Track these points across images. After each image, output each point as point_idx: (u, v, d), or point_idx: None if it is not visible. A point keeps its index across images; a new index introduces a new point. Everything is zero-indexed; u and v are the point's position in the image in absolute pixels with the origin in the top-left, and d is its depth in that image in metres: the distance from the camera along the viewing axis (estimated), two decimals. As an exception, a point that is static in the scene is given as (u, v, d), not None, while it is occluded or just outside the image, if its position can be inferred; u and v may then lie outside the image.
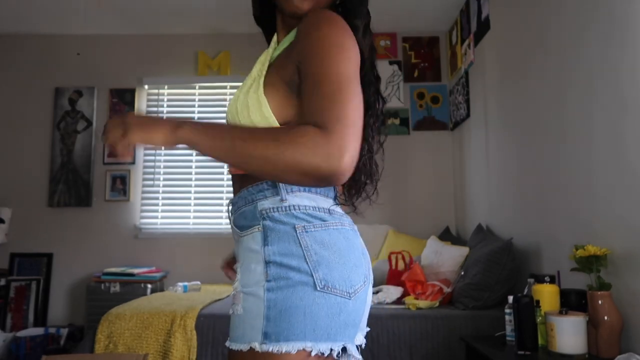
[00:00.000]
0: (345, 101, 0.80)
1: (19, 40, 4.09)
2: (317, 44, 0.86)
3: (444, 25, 3.95)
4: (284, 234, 0.88)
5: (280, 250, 0.87)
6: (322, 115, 0.79)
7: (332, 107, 0.80)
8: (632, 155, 1.69)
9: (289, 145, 0.77)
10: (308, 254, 0.87)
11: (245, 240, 0.93)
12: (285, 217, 0.90)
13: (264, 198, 0.92)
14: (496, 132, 3.03)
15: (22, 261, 3.84)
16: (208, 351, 2.30)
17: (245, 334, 0.87)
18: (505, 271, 2.45)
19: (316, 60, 0.85)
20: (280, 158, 0.77)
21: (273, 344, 0.83)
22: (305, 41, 0.88)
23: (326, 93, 0.81)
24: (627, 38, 1.71)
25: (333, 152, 0.76)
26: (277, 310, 0.85)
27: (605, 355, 1.64)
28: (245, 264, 0.91)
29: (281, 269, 0.86)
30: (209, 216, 3.95)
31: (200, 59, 4.05)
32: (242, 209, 0.95)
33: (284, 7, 1.00)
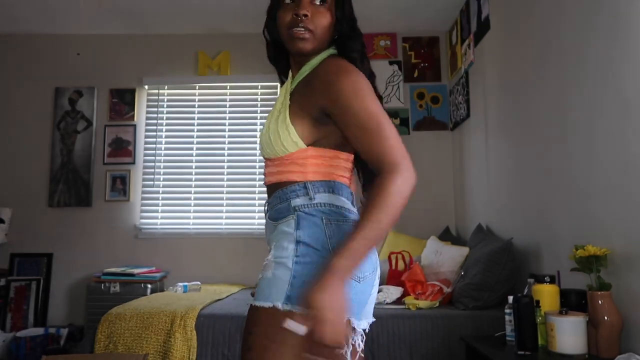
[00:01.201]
0: (387, 133, 1.06)
1: (19, 40, 4.09)
2: (344, 94, 1.08)
3: (444, 25, 3.95)
4: (313, 223, 1.12)
5: (309, 234, 1.11)
6: (383, 154, 1.04)
7: (384, 142, 1.05)
8: (632, 155, 1.69)
9: (392, 207, 1.01)
10: (331, 241, 1.10)
11: (280, 227, 1.16)
12: (314, 211, 1.13)
13: (296, 197, 1.15)
14: (496, 132, 3.03)
15: (22, 261, 3.84)
16: (208, 351, 2.30)
17: (271, 294, 1.07)
18: (505, 271, 2.45)
19: (351, 106, 1.07)
20: (395, 212, 1.02)
21: (294, 305, 1.03)
22: (330, 89, 1.10)
23: (373, 131, 1.06)
24: (629, 38, 1.71)
25: (407, 180, 1.03)
26: (301, 280, 1.06)
27: (605, 355, 1.64)
28: (279, 242, 1.13)
29: (308, 248, 1.09)
30: (209, 216, 3.95)
31: (200, 59, 4.05)
32: (277, 206, 1.18)
33: (290, 48, 1.21)
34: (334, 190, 1.17)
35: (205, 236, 3.90)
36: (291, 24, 1.17)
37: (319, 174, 1.17)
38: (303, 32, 1.16)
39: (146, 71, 4.07)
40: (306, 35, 1.17)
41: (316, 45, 1.19)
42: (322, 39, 1.20)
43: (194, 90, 4.10)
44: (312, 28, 1.17)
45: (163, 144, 4.05)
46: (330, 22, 1.19)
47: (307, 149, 1.16)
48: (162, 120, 4.08)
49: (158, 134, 4.05)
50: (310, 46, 1.18)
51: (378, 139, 1.06)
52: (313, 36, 1.18)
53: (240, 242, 3.85)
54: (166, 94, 4.12)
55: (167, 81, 4.07)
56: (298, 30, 1.16)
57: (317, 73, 1.16)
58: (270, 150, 1.19)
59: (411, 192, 1.04)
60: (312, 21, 1.16)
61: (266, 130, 1.20)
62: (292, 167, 1.17)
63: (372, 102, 1.09)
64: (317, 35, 1.18)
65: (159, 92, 4.10)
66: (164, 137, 4.06)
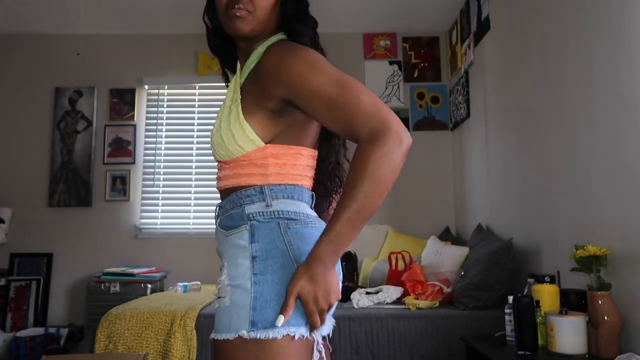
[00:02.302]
0: (357, 96, 0.93)
1: (19, 40, 4.09)
2: (299, 75, 0.96)
3: (444, 25, 3.95)
4: (269, 232, 0.99)
5: (266, 244, 0.98)
6: (362, 123, 0.91)
7: (359, 107, 0.92)
8: (632, 155, 1.69)
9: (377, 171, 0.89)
10: (291, 248, 0.98)
11: (231, 239, 1.02)
12: (270, 219, 1.01)
13: (251, 203, 1.03)
14: (496, 132, 3.03)
15: (22, 261, 3.84)
16: (208, 351, 2.30)
17: (232, 323, 0.95)
18: (505, 271, 2.45)
19: (310, 85, 0.95)
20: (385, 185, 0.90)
21: (260, 331, 0.92)
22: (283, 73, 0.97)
23: (344, 101, 0.93)
24: (629, 37, 1.71)
25: (397, 138, 0.90)
26: (263, 300, 0.94)
27: (605, 355, 1.64)
28: (232, 259, 1.00)
29: (266, 262, 0.97)
30: (209, 216, 3.94)
31: (200, 59, 4.05)
32: (229, 211, 1.06)
33: (228, 30, 1.11)
34: (293, 196, 1.05)
35: (205, 236, 3.89)
36: (228, 5, 1.08)
37: (280, 176, 1.05)
38: (239, 11, 1.06)
39: (146, 71, 4.06)
40: (242, 14, 1.06)
41: (256, 26, 1.08)
42: (264, 21, 1.09)
43: (194, 90, 4.10)
44: (250, 9, 1.07)
45: (163, 144, 4.05)
46: (272, 2, 1.09)
47: (266, 147, 1.03)
48: (162, 120, 4.08)
49: (158, 134, 4.05)
50: (249, 27, 1.07)
51: (354, 106, 0.92)
52: (251, 16, 1.07)
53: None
54: (166, 94, 4.11)
55: (167, 81, 4.07)
56: (234, 10, 1.06)
57: (264, 60, 1.02)
58: (223, 151, 1.06)
59: (404, 154, 0.91)
60: (251, 1, 1.07)
61: (217, 130, 1.06)
62: (251, 168, 1.04)
63: (333, 70, 0.97)
64: (257, 16, 1.07)
65: (159, 92, 4.10)
66: (164, 137, 4.06)
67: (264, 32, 1.11)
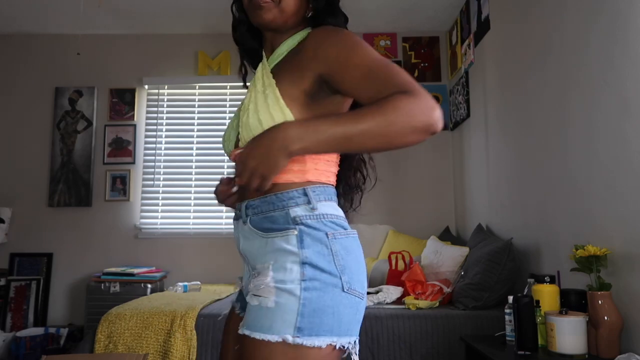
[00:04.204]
0: (400, 72, 0.93)
1: (19, 40, 4.09)
2: (342, 49, 0.97)
3: (444, 25, 3.95)
4: (318, 240, 0.98)
5: (315, 253, 0.97)
6: (396, 85, 0.91)
7: (397, 77, 0.92)
8: (632, 155, 1.69)
9: (392, 113, 0.87)
10: (337, 259, 0.97)
11: (275, 242, 1.00)
12: (318, 224, 0.99)
13: (295, 205, 1.00)
14: (496, 132, 3.03)
15: (22, 261, 3.84)
16: (208, 351, 2.30)
17: (274, 326, 0.93)
18: (505, 271, 2.45)
19: (352, 58, 0.95)
20: (391, 127, 0.87)
21: (306, 337, 0.92)
22: (325, 51, 0.98)
23: (383, 72, 0.93)
24: (628, 37, 1.71)
25: (428, 105, 0.88)
26: (311, 308, 0.93)
27: (605, 356, 1.64)
28: (280, 263, 0.97)
29: (315, 270, 0.96)
30: (209, 216, 3.95)
31: (200, 59, 4.05)
32: (269, 213, 1.02)
33: (253, 19, 1.11)
34: (332, 197, 1.05)
35: (205, 236, 3.90)
36: None
37: (317, 173, 1.03)
38: (262, 1, 1.06)
39: (146, 71, 4.07)
40: (265, 2, 1.06)
41: (278, 16, 1.07)
42: (288, 12, 1.08)
43: (194, 90, 4.10)
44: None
45: (163, 144, 4.05)
46: None
47: None
48: (162, 120, 4.08)
49: (158, 134, 4.05)
50: (272, 16, 1.07)
51: (390, 78, 0.92)
52: (275, 6, 1.06)
53: (240, 242, 3.84)
54: (166, 94, 4.12)
55: (167, 81, 4.07)
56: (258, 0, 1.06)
57: (305, 45, 1.03)
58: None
59: (425, 128, 0.88)
60: None
61: (253, 112, 1.00)
62: (289, 163, 0.97)
63: (373, 51, 0.97)
64: (281, 7, 1.07)
65: (159, 92, 4.10)
66: (164, 137, 4.06)
67: (288, 23, 1.10)
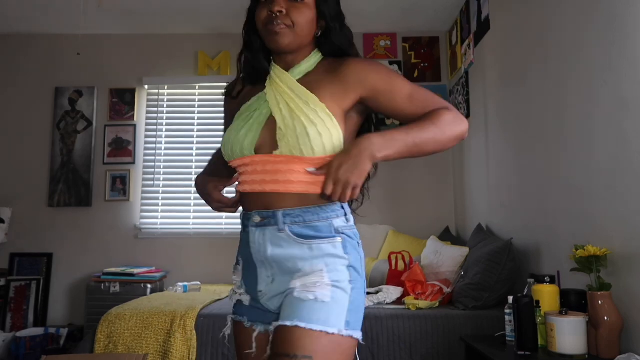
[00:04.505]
0: (431, 94, 1.18)
1: (19, 40, 4.09)
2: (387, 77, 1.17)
3: (444, 25, 3.95)
4: (354, 247, 1.14)
5: (355, 259, 1.14)
6: (436, 103, 1.16)
7: (434, 97, 1.17)
8: (632, 155, 1.69)
9: (444, 125, 1.11)
10: (362, 264, 1.16)
11: (322, 248, 1.11)
12: (351, 234, 1.15)
13: (336, 217, 1.13)
14: (496, 132, 3.03)
15: (22, 261, 3.84)
16: (208, 351, 2.30)
17: (331, 319, 1.05)
18: (505, 271, 2.45)
19: (396, 84, 1.16)
20: (444, 135, 1.11)
21: (351, 330, 1.07)
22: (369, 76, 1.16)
23: (422, 94, 1.17)
24: (627, 37, 1.71)
25: (462, 118, 1.15)
26: (355, 306, 1.09)
27: (605, 356, 1.64)
28: (332, 266, 1.11)
29: (356, 273, 1.12)
30: (209, 216, 3.94)
31: (200, 59, 4.05)
32: (312, 222, 1.12)
33: (269, 44, 1.19)
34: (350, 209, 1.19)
35: (205, 236, 3.90)
36: (267, 21, 1.16)
37: None
38: (278, 26, 1.14)
39: (146, 71, 4.06)
40: (281, 28, 1.15)
41: (295, 40, 1.17)
42: (303, 35, 1.18)
43: (194, 90, 4.10)
44: (288, 23, 1.15)
45: (163, 144, 4.05)
46: (310, 18, 1.18)
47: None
48: (162, 120, 4.08)
49: (158, 134, 4.05)
50: (288, 41, 1.16)
51: (431, 97, 1.17)
52: (290, 31, 1.16)
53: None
54: (166, 94, 4.11)
55: (167, 81, 4.07)
56: (273, 25, 1.15)
57: (345, 71, 1.16)
58: (317, 147, 1.09)
59: (462, 136, 1.14)
60: (289, 17, 1.15)
61: (310, 125, 1.09)
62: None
63: (405, 78, 1.20)
64: (297, 32, 1.16)
65: (159, 92, 4.10)
66: (164, 137, 4.06)
67: (302, 45, 1.20)
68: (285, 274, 1.13)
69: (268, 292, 1.16)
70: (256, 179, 1.15)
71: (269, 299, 1.16)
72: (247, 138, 1.16)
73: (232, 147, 1.18)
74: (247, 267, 1.20)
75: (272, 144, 1.13)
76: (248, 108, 1.21)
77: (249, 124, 1.17)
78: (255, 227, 1.16)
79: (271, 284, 1.15)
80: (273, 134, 1.13)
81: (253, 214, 1.16)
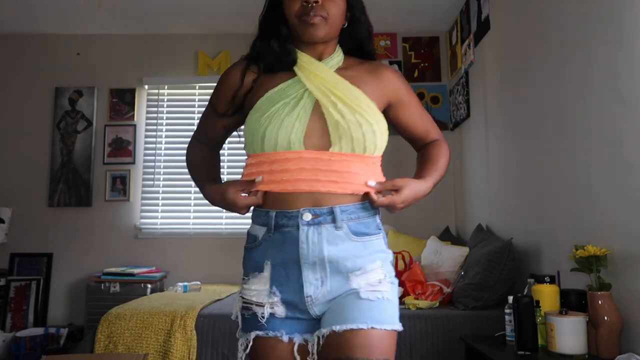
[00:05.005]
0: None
1: (19, 40, 4.09)
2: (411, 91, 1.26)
3: (444, 25, 3.95)
4: (386, 243, 1.16)
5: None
6: (436, 129, 1.30)
7: (433, 122, 1.31)
8: (632, 155, 1.69)
9: (447, 161, 1.28)
10: None
11: (374, 244, 1.11)
12: (382, 231, 1.16)
13: (375, 214, 1.14)
14: (496, 132, 3.03)
15: (22, 261, 3.84)
16: (208, 351, 2.30)
17: (395, 316, 1.08)
18: (505, 271, 2.45)
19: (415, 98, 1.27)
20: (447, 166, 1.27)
21: (400, 324, 1.08)
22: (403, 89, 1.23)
23: (428, 116, 1.30)
24: (628, 38, 1.71)
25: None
26: (397, 299, 1.12)
27: (605, 356, 1.64)
28: (385, 262, 1.11)
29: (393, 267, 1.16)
30: (209, 216, 3.94)
31: (200, 59, 4.05)
32: (364, 219, 1.11)
33: (302, 35, 1.14)
34: None
35: (205, 236, 3.90)
36: (301, 12, 1.12)
37: None
38: (315, 17, 1.11)
39: (146, 71, 4.06)
40: (317, 20, 1.11)
41: (329, 31, 1.14)
42: (335, 27, 1.15)
43: (194, 90, 4.10)
44: (324, 15, 1.11)
45: (163, 144, 4.05)
46: (343, 9, 1.15)
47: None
48: (162, 120, 4.08)
49: (158, 134, 4.05)
50: (323, 32, 1.13)
51: (431, 121, 1.30)
52: (325, 22, 1.12)
53: (240, 242, 3.76)
54: (166, 94, 4.11)
55: (167, 81, 4.07)
56: (308, 17, 1.11)
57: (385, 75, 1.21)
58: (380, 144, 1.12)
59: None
60: (324, 8, 1.11)
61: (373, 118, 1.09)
62: (378, 175, 1.14)
63: None
64: (330, 23, 1.13)
65: (159, 92, 4.10)
66: (164, 137, 4.06)
67: (334, 36, 1.18)
68: (338, 274, 1.06)
69: (319, 296, 1.06)
70: (305, 177, 1.06)
71: (320, 303, 1.07)
72: (295, 129, 1.06)
73: (276, 138, 1.06)
74: (281, 273, 1.09)
75: (322, 138, 1.07)
76: (282, 94, 1.11)
77: (294, 113, 1.07)
78: (306, 226, 1.06)
79: (321, 286, 1.06)
80: (324, 128, 1.07)
81: (302, 211, 1.06)
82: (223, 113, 1.22)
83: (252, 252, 1.15)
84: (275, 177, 1.08)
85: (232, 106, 1.20)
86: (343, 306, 1.04)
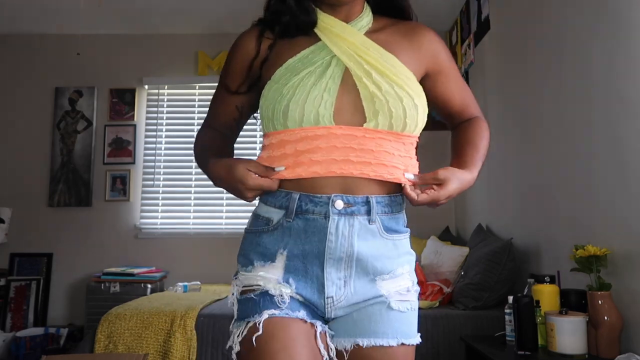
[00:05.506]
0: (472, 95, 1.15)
1: (19, 40, 4.09)
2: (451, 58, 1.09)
3: (444, 25, 3.95)
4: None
5: None
6: (475, 107, 1.12)
7: (473, 99, 1.13)
8: (632, 155, 1.69)
9: (489, 140, 1.09)
10: None
11: (404, 244, 1.00)
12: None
13: (404, 209, 1.02)
14: (496, 132, 3.02)
15: (22, 261, 3.84)
16: (208, 351, 2.30)
17: (416, 328, 0.98)
18: (505, 271, 2.45)
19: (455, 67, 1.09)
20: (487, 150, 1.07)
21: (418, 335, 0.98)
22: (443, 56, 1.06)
23: (469, 91, 1.12)
24: (629, 38, 1.71)
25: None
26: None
27: (605, 356, 1.64)
28: (412, 267, 1.00)
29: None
30: (209, 216, 3.95)
31: (200, 59, 4.05)
32: (396, 214, 0.99)
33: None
34: None
35: (205, 236, 3.90)
36: None
37: None
38: None
39: (146, 71, 4.06)
40: None
41: None
42: None
43: (194, 90, 4.10)
44: None
45: (163, 144, 4.05)
46: None
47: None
48: (162, 120, 4.08)
49: (158, 134, 4.05)
50: None
51: (471, 97, 1.12)
52: None
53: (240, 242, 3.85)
54: (166, 94, 4.11)
55: (167, 81, 4.07)
56: None
57: (421, 40, 1.02)
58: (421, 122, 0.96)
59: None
60: None
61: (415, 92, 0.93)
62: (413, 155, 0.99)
63: None
64: None
65: (159, 92, 4.10)
66: (164, 137, 4.06)
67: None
68: (364, 276, 0.92)
69: (342, 299, 0.92)
70: (336, 157, 0.89)
71: (341, 307, 0.92)
72: (325, 101, 0.90)
73: (302, 111, 0.89)
74: (298, 267, 0.92)
75: (355, 113, 0.91)
76: (305, 62, 0.94)
77: (322, 83, 0.90)
78: (337, 215, 0.90)
79: (343, 287, 0.91)
80: (356, 101, 0.91)
81: (334, 197, 0.90)
82: (236, 90, 1.05)
83: (262, 236, 0.94)
84: (303, 158, 0.90)
85: (247, 80, 1.03)
86: (370, 317, 0.92)
